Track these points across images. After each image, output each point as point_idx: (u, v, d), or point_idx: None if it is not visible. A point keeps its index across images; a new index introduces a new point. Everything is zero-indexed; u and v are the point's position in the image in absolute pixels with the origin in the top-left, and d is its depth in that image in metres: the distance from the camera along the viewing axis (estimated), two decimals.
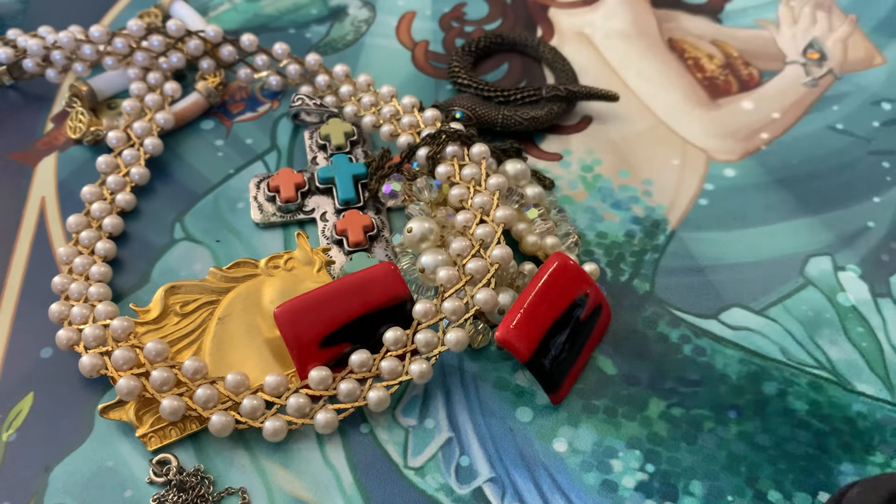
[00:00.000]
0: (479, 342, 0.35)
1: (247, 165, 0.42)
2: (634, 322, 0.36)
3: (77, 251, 0.37)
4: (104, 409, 0.32)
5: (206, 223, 0.39)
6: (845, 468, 0.32)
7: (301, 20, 0.50)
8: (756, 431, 0.33)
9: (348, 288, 0.33)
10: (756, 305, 0.37)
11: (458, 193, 0.36)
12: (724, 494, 0.32)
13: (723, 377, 0.35)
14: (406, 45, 0.49)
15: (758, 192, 0.42)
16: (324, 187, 0.40)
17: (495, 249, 0.34)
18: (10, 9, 0.50)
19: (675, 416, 0.34)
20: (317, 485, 0.32)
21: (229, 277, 0.36)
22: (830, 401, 0.34)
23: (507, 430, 0.33)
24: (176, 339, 0.34)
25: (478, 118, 0.42)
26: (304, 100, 0.43)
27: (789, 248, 0.39)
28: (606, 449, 0.33)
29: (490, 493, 0.31)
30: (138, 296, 0.37)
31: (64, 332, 0.34)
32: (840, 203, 0.41)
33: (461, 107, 0.42)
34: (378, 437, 0.33)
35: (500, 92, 0.44)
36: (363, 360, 0.33)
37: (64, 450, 0.32)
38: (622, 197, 0.41)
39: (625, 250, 0.39)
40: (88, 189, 0.39)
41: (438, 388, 0.34)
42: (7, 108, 0.44)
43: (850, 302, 0.37)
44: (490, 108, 0.42)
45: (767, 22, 0.50)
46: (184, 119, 0.43)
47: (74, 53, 0.43)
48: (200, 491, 0.31)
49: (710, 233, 0.40)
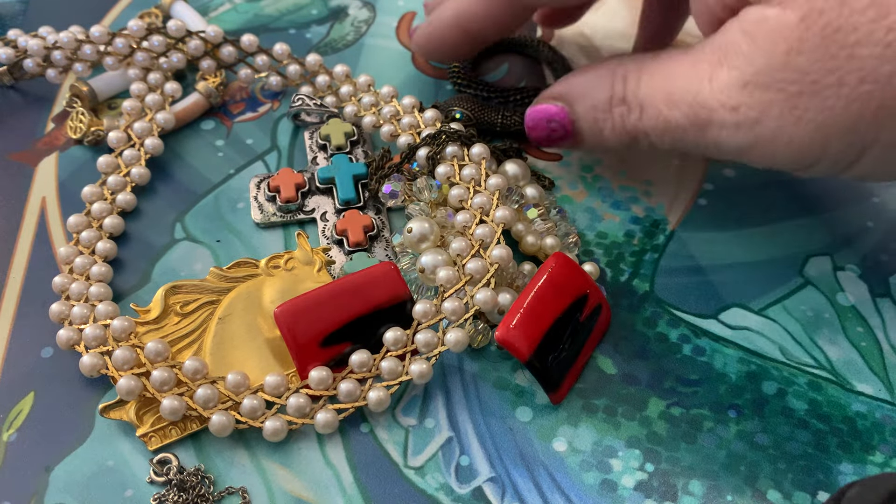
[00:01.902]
0: (479, 342, 0.35)
1: (247, 165, 0.42)
2: (634, 322, 0.36)
3: (78, 251, 0.37)
4: (105, 409, 0.32)
5: (207, 223, 0.40)
6: (845, 468, 0.32)
7: (301, 20, 0.50)
8: (755, 431, 0.33)
9: (348, 288, 0.33)
10: (755, 305, 0.37)
11: (457, 194, 0.36)
12: (724, 494, 0.32)
13: (722, 377, 0.35)
14: (406, 45, 0.49)
15: (758, 192, 0.42)
16: (324, 187, 0.40)
17: (495, 249, 0.34)
18: (10, 9, 0.50)
19: (674, 416, 0.34)
20: (317, 484, 0.32)
21: (230, 277, 0.36)
22: (830, 400, 0.34)
23: (507, 430, 0.33)
24: (176, 338, 0.34)
25: (477, 119, 0.42)
26: (304, 100, 0.43)
27: (789, 248, 0.39)
28: (606, 448, 0.33)
29: (490, 493, 0.32)
30: (139, 296, 0.37)
31: (64, 331, 0.34)
32: (840, 203, 0.41)
33: (460, 107, 0.42)
34: (378, 437, 0.33)
35: (500, 93, 0.44)
36: (363, 361, 0.33)
37: (64, 449, 0.32)
38: (622, 197, 0.41)
39: (624, 250, 0.39)
40: (89, 189, 0.39)
41: (438, 388, 0.34)
42: (7, 108, 0.44)
43: (850, 302, 0.37)
44: (489, 109, 0.42)
45: None
46: (184, 119, 0.43)
47: (75, 53, 0.43)
48: (201, 490, 0.31)
49: (709, 233, 0.40)
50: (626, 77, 0.35)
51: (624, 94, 0.35)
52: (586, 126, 0.37)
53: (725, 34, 0.32)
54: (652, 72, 0.34)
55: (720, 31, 0.32)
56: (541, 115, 0.38)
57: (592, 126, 0.37)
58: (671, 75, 0.33)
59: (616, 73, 0.36)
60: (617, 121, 0.35)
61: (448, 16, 0.40)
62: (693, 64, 0.33)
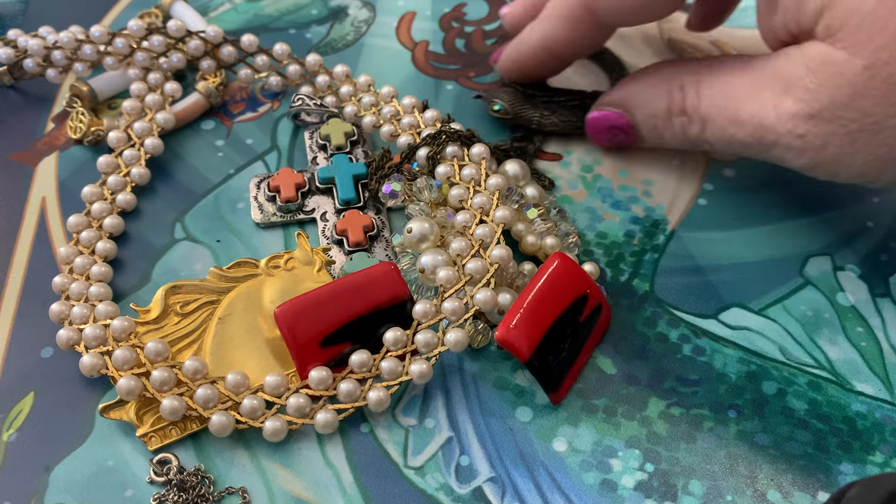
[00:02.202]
0: (479, 342, 0.35)
1: (247, 165, 0.42)
2: (634, 322, 0.36)
3: (77, 251, 0.37)
4: (105, 409, 0.32)
5: (207, 223, 0.40)
6: (844, 468, 0.32)
7: (301, 20, 0.50)
8: (755, 431, 0.33)
9: (348, 288, 0.33)
10: (755, 305, 0.37)
11: (457, 193, 0.36)
12: (724, 494, 0.32)
13: (722, 377, 0.35)
14: (406, 45, 0.49)
15: (758, 192, 0.42)
16: (324, 187, 0.40)
17: (495, 249, 0.34)
18: (10, 9, 0.50)
19: (674, 416, 0.34)
20: (317, 484, 0.32)
21: (229, 277, 0.36)
22: (830, 400, 0.34)
23: (507, 430, 0.33)
24: (176, 338, 0.34)
25: (515, 114, 0.43)
26: (304, 100, 0.43)
27: (789, 247, 0.39)
28: (606, 448, 0.33)
29: (490, 493, 0.32)
30: (139, 296, 0.37)
31: (64, 331, 0.34)
32: (840, 203, 0.41)
33: (502, 99, 0.43)
34: (378, 437, 0.33)
35: (547, 92, 0.44)
36: (363, 361, 0.33)
37: (64, 449, 0.32)
38: (622, 197, 0.41)
39: (624, 250, 0.39)
40: (89, 189, 0.39)
41: (438, 388, 0.34)
42: (7, 108, 0.44)
43: (850, 302, 0.37)
44: (530, 106, 0.43)
45: None
46: (184, 119, 0.43)
47: (75, 53, 0.43)
48: (201, 490, 0.31)
49: (709, 233, 0.40)
50: (684, 87, 0.38)
51: (683, 105, 0.38)
52: (646, 132, 0.40)
53: (788, 63, 0.34)
54: (710, 84, 0.37)
55: (782, 57, 0.35)
56: (602, 122, 0.41)
57: (652, 132, 0.40)
58: (732, 94, 0.36)
59: (672, 81, 0.38)
60: (677, 129, 0.38)
61: (535, 40, 0.42)
62: (755, 87, 0.35)
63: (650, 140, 0.40)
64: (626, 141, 0.41)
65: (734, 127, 0.36)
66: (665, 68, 0.39)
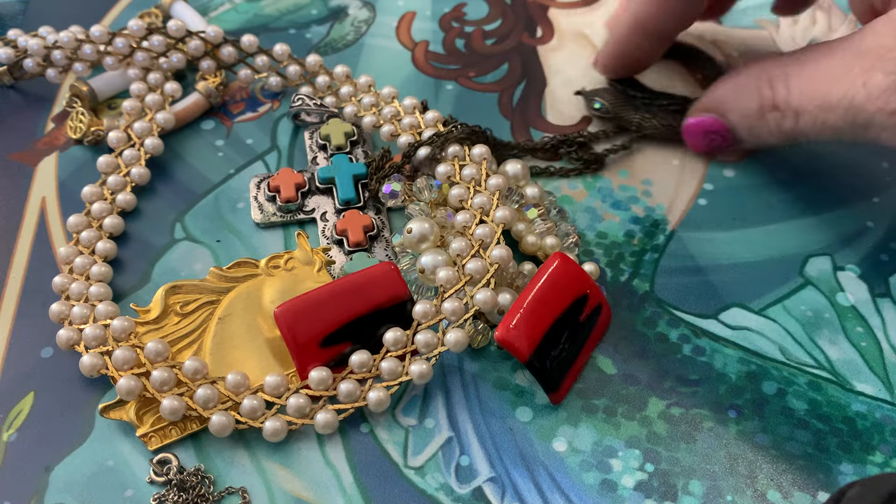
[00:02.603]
0: (479, 342, 0.35)
1: (247, 165, 0.42)
2: (634, 322, 0.36)
3: (77, 251, 0.37)
4: (104, 409, 0.32)
5: (207, 223, 0.40)
6: (844, 468, 0.32)
7: (301, 21, 0.50)
8: (755, 431, 0.33)
9: (348, 288, 0.33)
10: (755, 305, 0.37)
11: (457, 193, 0.36)
12: (724, 494, 0.32)
13: (722, 377, 0.35)
14: (406, 45, 0.49)
15: (757, 192, 0.42)
16: (324, 187, 0.40)
17: (495, 249, 0.34)
18: (10, 9, 0.50)
19: (674, 416, 0.34)
20: (317, 484, 0.32)
21: (229, 277, 0.36)
22: (830, 400, 0.34)
23: (507, 430, 0.33)
24: (176, 338, 0.34)
25: (615, 114, 0.43)
26: (304, 100, 0.43)
27: (789, 248, 0.39)
28: (606, 448, 0.33)
29: (490, 493, 0.32)
30: (139, 296, 0.37)
31: (64, 331, 0.34)
32: (840, 203, 0.41)
33: (602, 99, 0.43)
34: (378, 437, 0.33)
35: (648, 94, 0.44)
36: (363, 361, 0.33)
37: (64, 449, 0.32)
38: (622, 197, 0.41)
39: (624, 250, 0.39)
40: (89, 189, 0.39)
41: (438, 388, 0.34)
42: (7, 108, 0.44)
43: (850, 302, 0.37)
44: (631, 107, 0.43)
45: (767, 22, 0.50)
46: (184, 119, 0.43)
47: (75, 53, 0.43)
48: (201, 490, 0.31)
49: (709, 233, 0.40)
50: (772, 82, 0.37)
51: (774, 100, 0.37)
52: (743, 133, 0.39)
53: (876, 36, 0.33)
54: (799, 75, 0.36)
55: (868, 31, 0.33)
56: (697, 129, 0.40)
57: (749, 132, 0.39)
58: (820, 79, 0.35)
59: (761, 78, 0.37)
60: (773, 126, 0.37)
61: (627, 22, 0.42)
62: (843, 68, 0.34)
63: (750, 140, 0.39)
64: (724, 144, 0.40)
65: (825, 113, 0.34)
66: (752, 66, 0.38)
